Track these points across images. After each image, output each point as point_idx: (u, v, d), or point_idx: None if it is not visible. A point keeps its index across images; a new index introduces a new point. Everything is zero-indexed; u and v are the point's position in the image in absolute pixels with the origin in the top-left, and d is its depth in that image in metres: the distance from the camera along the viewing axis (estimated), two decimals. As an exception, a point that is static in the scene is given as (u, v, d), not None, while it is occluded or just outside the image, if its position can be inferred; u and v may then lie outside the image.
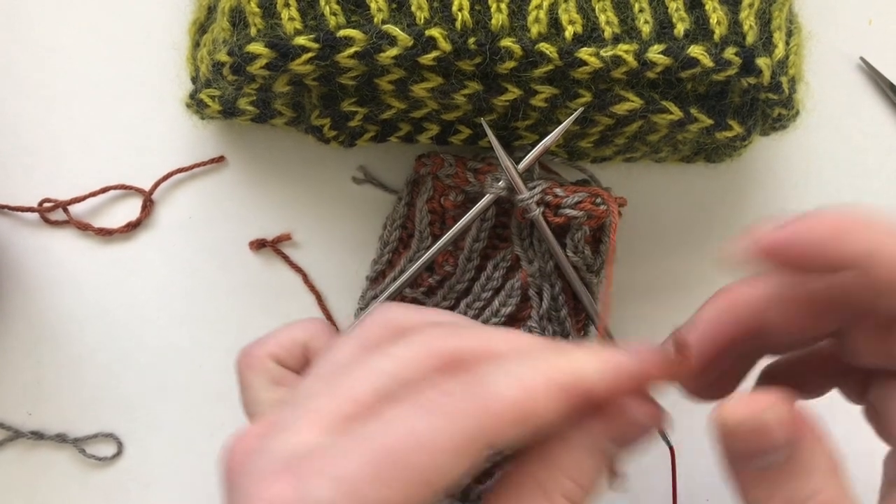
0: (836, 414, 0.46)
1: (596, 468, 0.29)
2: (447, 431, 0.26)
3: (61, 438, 0.46)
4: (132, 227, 0.47)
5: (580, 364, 0.28)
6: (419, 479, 0.25)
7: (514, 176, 0.42)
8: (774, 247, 0.29)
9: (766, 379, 0.35)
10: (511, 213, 0.44)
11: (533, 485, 0.28)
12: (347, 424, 0.27)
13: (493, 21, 0.39)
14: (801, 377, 0.35)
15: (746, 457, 0.28)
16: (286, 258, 0.47)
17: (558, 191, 0.42)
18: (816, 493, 0.28)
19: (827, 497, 0.28)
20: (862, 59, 0.51)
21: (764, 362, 0.35)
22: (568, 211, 0.42)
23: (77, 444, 0.46)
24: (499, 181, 0.42)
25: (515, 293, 0.44)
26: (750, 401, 0.28)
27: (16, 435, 0.46)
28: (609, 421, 0.29)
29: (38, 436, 0.46)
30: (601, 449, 0.29)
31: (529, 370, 0.28)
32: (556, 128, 0.42)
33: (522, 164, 0.42)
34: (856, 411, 0.35)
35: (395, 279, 0.44)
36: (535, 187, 0.42)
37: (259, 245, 0.47)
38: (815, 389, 0.35)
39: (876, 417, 0.33)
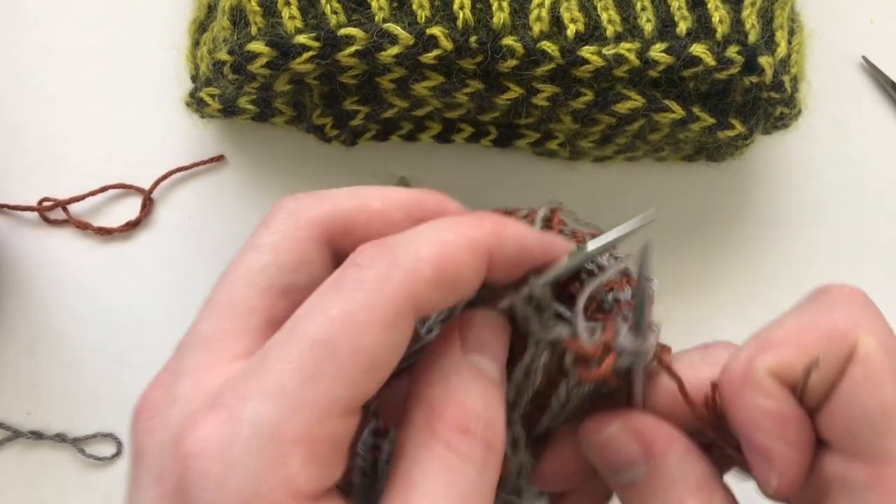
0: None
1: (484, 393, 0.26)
2: (376, 304, 0.24)
3: (61, 438, 0.46)
4: (132, 227, 0.47)
5: (499, 227, 0.27)
6: (359, 364, 0.23)
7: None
8: None
9: None
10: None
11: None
12: (255, 337, 0.25)
13: (495, 19, 0.39)
14: None
15: (610, 471, 0.29)
16: None
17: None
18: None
19: None
20: (864, 57, 0.51)
21: None
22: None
23: (76, 443, 0.46)
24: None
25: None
26: (602, 418, 0.29)
27: (15, 435, 0.46)
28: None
29: (37, 436, 0.46)
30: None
31: (447, 231, 0.26)
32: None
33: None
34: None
35: None
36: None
37: None
38: None
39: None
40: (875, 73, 0.51)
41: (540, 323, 0.29)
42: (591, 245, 0.30)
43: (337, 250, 0.27)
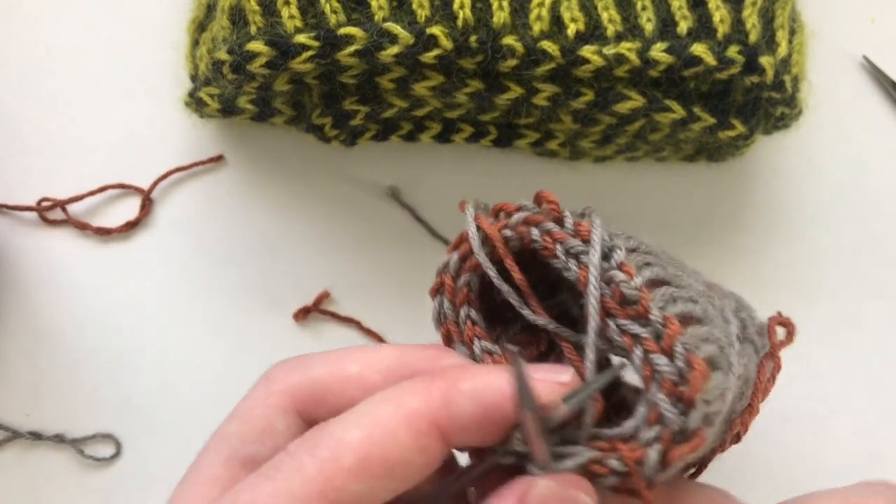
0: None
1: None
2: (280, 497, 0.23)
3: (60, 439, 0.46)
4: (131, 227, 0.47)
5: (450, 389, 0.25)
6: None
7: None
8: None
9: None
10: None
11: None
12: None
13: (495, 19, 0.39)
14: None
15: None
16: (335, 316, 0.47)
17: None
18: None
19: None
20: (865, 57, 0.51)
21: None
22: None
23: (75, 444, 0.46)
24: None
25: None
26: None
27: (14, 435, 0.46)
28: None
29: (36, 436, 0.46)
30: None
31: (384, 405, 0.24)
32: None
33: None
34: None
35: None
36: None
37: (304, 314, 0.47)
38: None
39: None
40: (876, 73, 0.51)
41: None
42: (568, 401, 0.26)
43: (310, 420, 0.27)
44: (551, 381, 0.26)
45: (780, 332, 0.34)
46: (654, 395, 0.26)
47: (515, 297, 0.31)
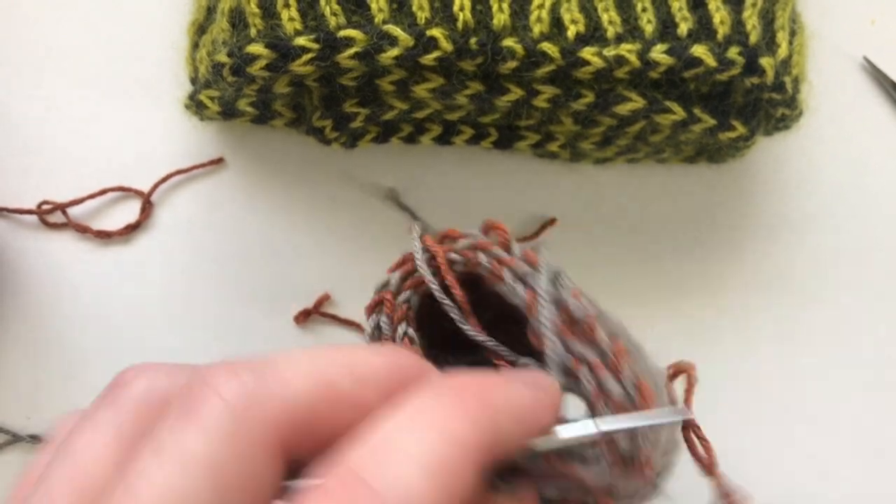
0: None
1: None
2: None
3: (60, 442, 0.46)
4: (131, 230, 0.47)
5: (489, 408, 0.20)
6: None
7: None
8: None
9: None
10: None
11: None
12: None
13: (495, 21, 0.39)
14: None
15: None
16: (335, 318, 0.47)
17: None
18: None
19: None
20: (865, 58, 0.51)
21: None
22: None
23: (76, 448, 0.46)
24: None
25: None
26: None
27: (14, 439, 0.46)
28: None
29: (36, 440, 0.46)
30: None
31: (430, 433, 0.19)
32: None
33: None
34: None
35: None
36: None
37: (305, 317, 0.46)
38: None
39: None
40: (876, 74, 0.51)
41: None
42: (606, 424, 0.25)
43: (289, 458, 0.20)
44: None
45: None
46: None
47: (456, 312, 0.31)
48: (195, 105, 0.45)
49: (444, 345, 0.32)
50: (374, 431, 0.19)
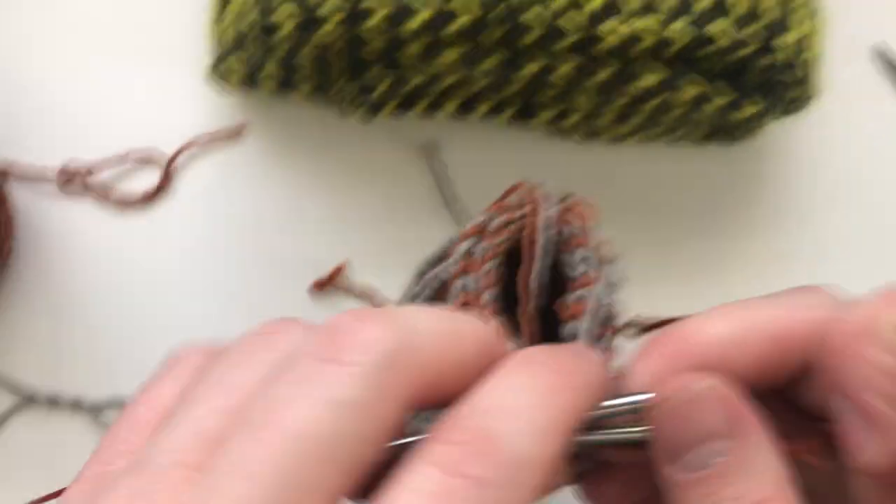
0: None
1: None
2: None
3: (76, 405, 0.46)
4: (151, 197, 0.48)
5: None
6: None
7: None
8: None
9: None
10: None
11: None
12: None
13: None
14: None
15: (679, 448, 0.22)
16: (351, 289, 0.47)
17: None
18: (764, 502, 0.22)
19: None
20: (877, 44, 0.51)
21: None
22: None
23: (92, 410, 0.46)
24: None
25: None
26: (684, 376, 0.23)
27: (31, 400, 0.46)
28: None
29: (53, 402, 0.46)
30: None
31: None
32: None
33: None
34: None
35: None
36: None
37: (321, 286, 0.47)
38: None
39: None
40: (888, 60, 0.51)
41: None
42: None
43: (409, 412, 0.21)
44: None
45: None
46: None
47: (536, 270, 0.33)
48: (219, 72, 0.45)
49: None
50: (491, 395, 0.21)
